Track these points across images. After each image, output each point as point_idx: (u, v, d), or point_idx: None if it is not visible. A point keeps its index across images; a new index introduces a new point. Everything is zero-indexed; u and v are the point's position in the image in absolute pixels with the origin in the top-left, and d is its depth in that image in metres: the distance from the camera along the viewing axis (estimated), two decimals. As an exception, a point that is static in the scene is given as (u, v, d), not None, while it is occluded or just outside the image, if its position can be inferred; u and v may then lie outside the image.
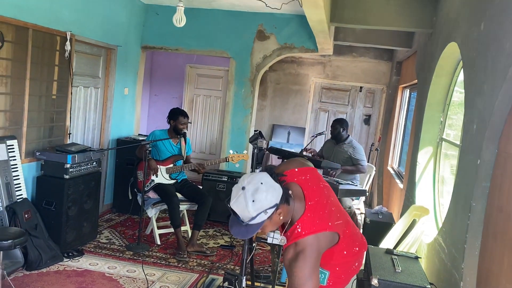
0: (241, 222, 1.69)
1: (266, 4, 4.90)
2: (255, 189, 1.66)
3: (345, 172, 4.90)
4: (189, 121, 4.79)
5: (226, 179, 5.45)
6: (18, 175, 3.79)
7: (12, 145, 3.75)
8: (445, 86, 4.04)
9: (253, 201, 1.65)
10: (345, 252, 1.96)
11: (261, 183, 1.68)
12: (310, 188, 1.89)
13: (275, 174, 1.76)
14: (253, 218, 1.66)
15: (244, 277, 2.43)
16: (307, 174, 1.96)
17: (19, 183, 3.80)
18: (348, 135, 5.19)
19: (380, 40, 5.89)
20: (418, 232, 3.54)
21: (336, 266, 1.97)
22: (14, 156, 3.76)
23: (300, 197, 1.85)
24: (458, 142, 3.42)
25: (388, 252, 2.94)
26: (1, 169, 3.63)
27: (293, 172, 1.94)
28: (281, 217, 1.76)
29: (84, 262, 3.97)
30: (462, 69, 3.39)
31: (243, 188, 1.67)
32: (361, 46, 7.13)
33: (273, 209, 1.68)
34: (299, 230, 1.78)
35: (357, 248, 2.03)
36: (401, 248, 3.50)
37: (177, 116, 4.56)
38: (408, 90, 6.40)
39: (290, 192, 1.79)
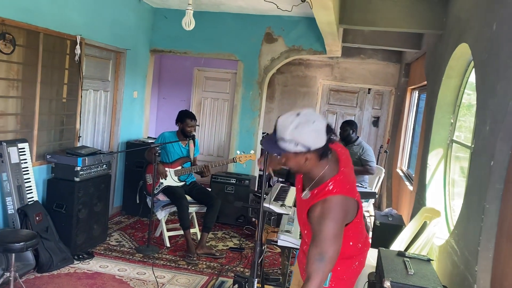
0: (274, 138, 1.75)
1: (277, 6, 4.89)
2: (306, 121, 1.70)
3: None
4: (197, 123, 4.80)
5: (234, 182, 5.45)
6: (29, 178, 3.82)
7: (23, 148, 3.78)
8: (455, 87, 4.01)
9: (296, 127, 1.69)
10: (351, 243, 1.96)
11: (313, 122, 1.71)
12: (343, 159, 1.95)
13: (332, 132, 1.78)
14: (284, 140, 1.71)
15: (256, 279, 2.42)
16: (343, 149, 2.03)
17: (30, 186, 3.83)
18: (358, 137, 5.17)
19: (389, 42, 5.86)
20: (430, 234, 3.51)
21: (338, 265, 1.95)
22: (25, 159, 3.79)
23: (336, 160, 1.90)
24: (468, 144, 3.40)
25: (400, 254, 2.91)
26: (13, 172, 3.66)
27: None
28: (307, 164, 1.78)
29: (95, 265, 3.99)
30: (472, 70, 3.36)
31: (298, 114, 1.72)
32: (370, 48, 7.09)
33: (303, 149, 1.72)
34: (331, 188, 1.79)
35: (360, 245, 2.04)
36: (412, 251, 3.47)
37: (184, 119, 4.58)
38: (417, 92, 6.36)
39: (330, 153, 1.81)
